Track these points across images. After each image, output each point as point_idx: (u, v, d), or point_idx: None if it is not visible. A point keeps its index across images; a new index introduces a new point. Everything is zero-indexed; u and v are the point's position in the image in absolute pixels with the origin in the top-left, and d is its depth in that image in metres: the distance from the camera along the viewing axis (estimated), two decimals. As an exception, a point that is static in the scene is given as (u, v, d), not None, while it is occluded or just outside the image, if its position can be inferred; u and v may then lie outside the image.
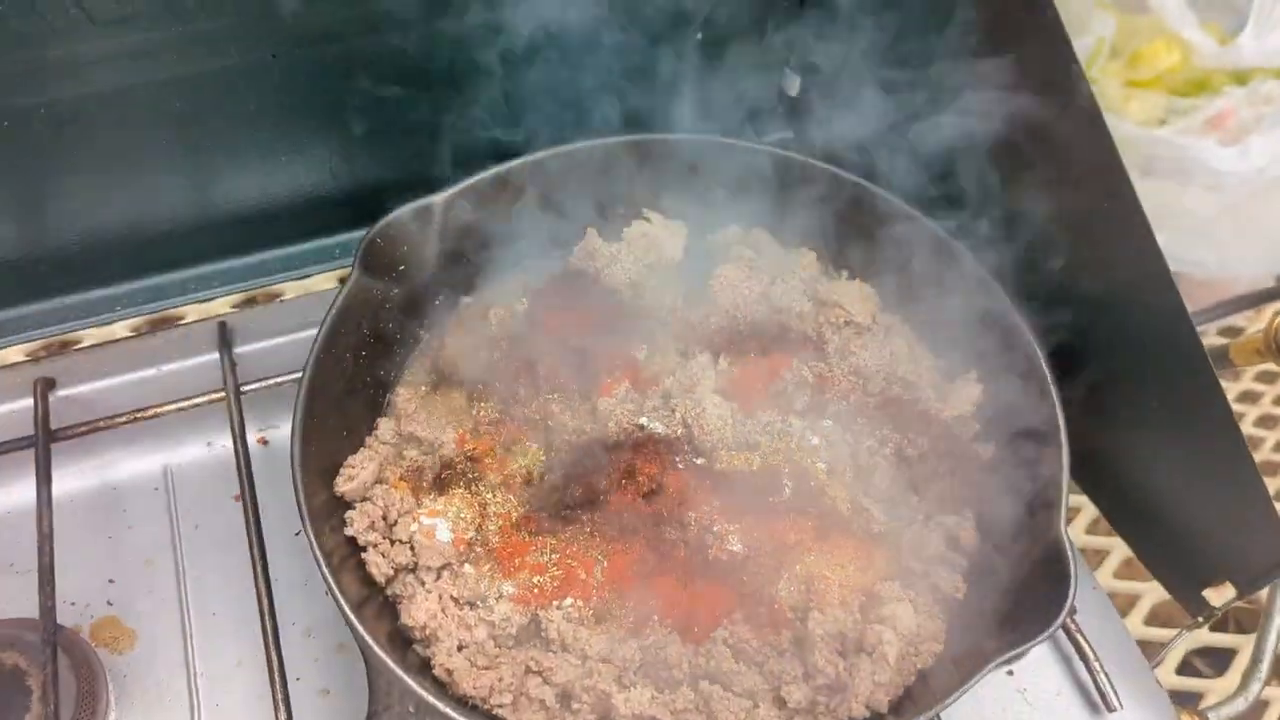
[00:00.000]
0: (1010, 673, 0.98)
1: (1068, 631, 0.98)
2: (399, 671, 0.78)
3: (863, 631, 0.88)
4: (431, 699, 0.77)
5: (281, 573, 1.00)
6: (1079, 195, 0.96)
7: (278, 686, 0.91)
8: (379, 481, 0.96)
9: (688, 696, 0.84)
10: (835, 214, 1.11)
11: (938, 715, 0.90)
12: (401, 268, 1.03)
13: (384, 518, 0.93)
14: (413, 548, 0.91)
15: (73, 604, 1.04)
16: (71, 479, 1.10)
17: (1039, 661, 0.98)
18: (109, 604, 1.05)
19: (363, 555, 0.91)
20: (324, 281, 1.22)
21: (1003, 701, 0.96)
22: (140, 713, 0.99)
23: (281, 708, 0.90)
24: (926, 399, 1.02)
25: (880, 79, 1.08)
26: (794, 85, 1.26)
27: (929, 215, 1.04)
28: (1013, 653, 0.80)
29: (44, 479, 1.01)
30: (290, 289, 1.20)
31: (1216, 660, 1.12)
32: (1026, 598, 0.87)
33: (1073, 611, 0.95)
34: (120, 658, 1.02)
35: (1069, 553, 0.84)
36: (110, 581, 1.07)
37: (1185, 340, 0.89)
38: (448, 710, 0.77)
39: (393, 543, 0.92)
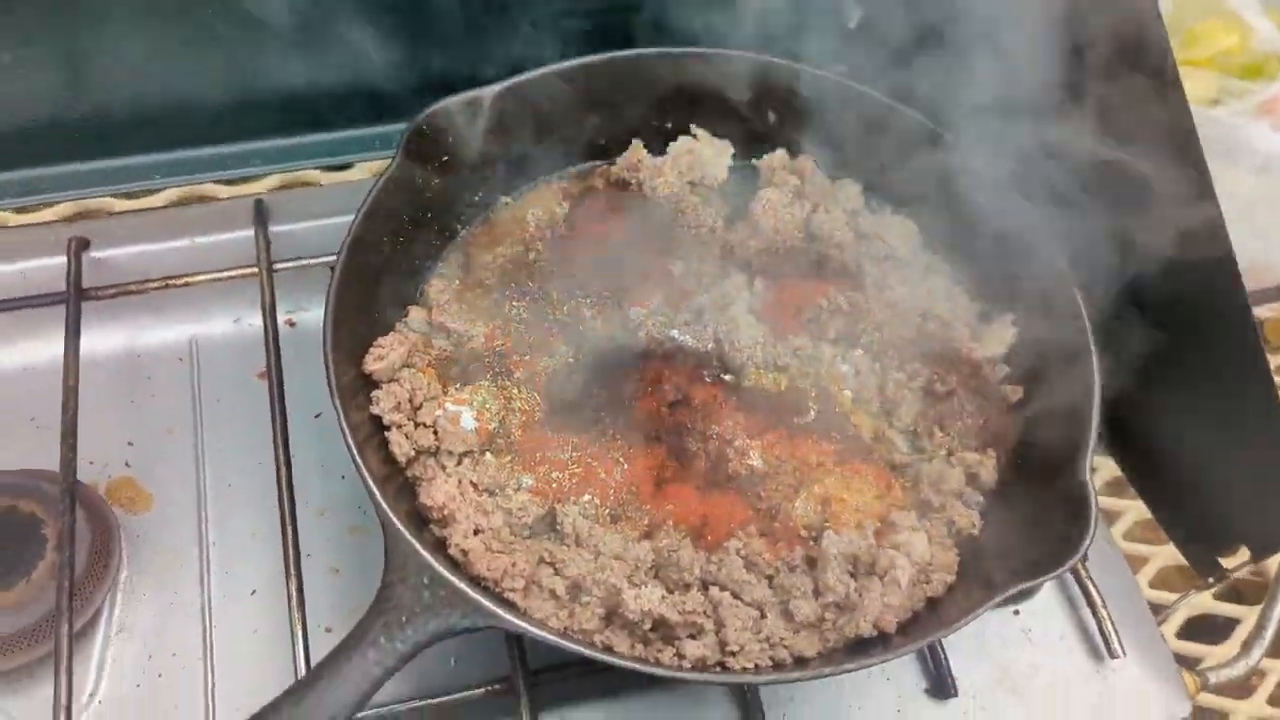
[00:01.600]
0: (1016, 612, 0.98)
1: (1078, 577, 0.98)
2: (415, 544, 0.78)
3: (875, 555, 0.88)
4: (445, 572, 0.77)
5: (298, 454, 1.00)
6: (1144, 152, 0.95)
7: (291, 559, 0.92)
8: (406, 365, 0.95)
9: (697, 599, 0.84)
10: (884, 147, 1.09)
11: (940, 642, 0.92)
12: (445, 158, 1.02)
13: (409, 400, 0.93)
14: (436, 432, 0.92)
15: (91, 463, 1.05)
16: (99, 341, 1.10)
17: (1046, 604, 0.99)
18: (127, 465, 1.06)
19: (386, 435, 0.91)
20: (362, 171, 1.22)
21: (1007, 639, 0.97)
22: (152, 573, 1.00)
23: (294, 578, 0.91)
24: (960, 338, 1.01)
25: (944, 16, 1.06)
26: (854, 17, 1.24)
27: (986, 161, 1.03)
28: (1025, 584, 0.80)
29: (73, 335, 1.02)
30: (328, 175, 1.19)
31: (1218, 630, 1.12)
32: (1043, 536, 0.86)
33: (1085, 558, 0.95)
34: (135, 518, 1.03)
35: (1091, 494, 0.84)
36: (130, 444, 1.07)
37: (1234, 305, 0.88)
38: (459, 584, 0.77)
39: (416, 425, 0.92)
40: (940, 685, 0.91)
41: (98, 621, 0.97)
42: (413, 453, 0.91)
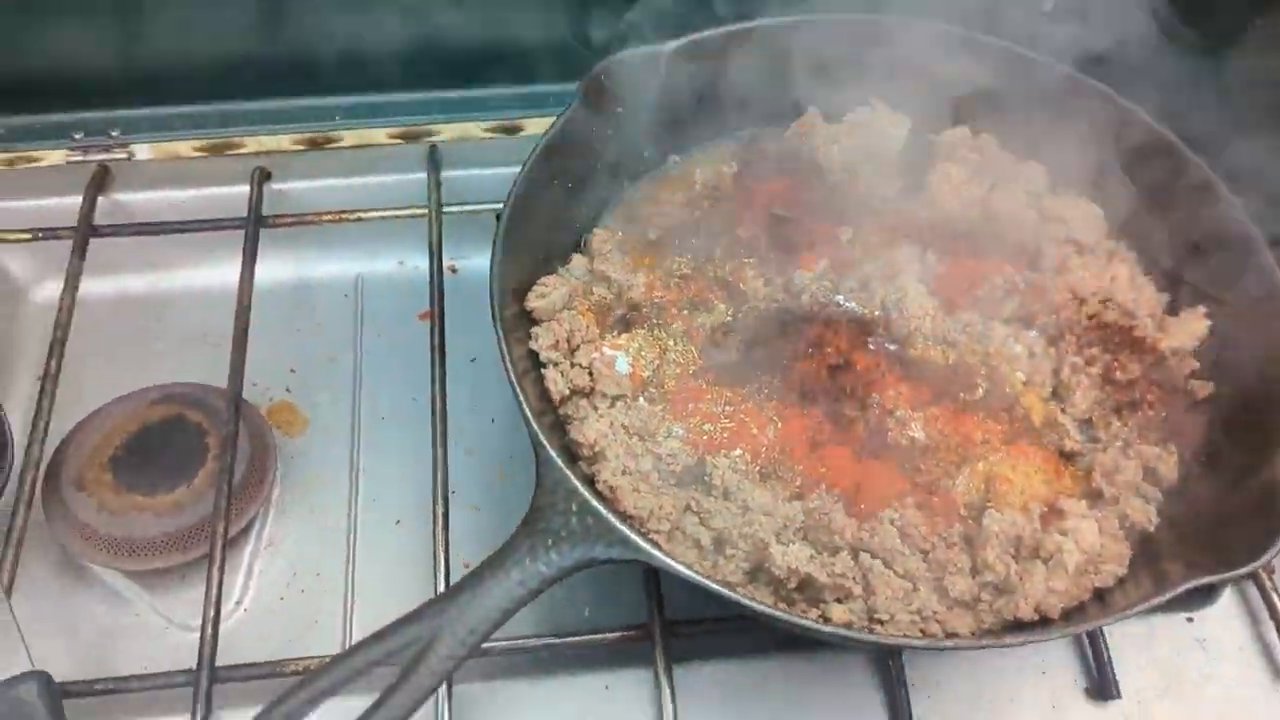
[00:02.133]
0: (1190, 619, 0.91)
1: (1262, 587, 0.91)
2: (567, 471, 0.77)
3: (1040, 539, 0.83)
4: (595, 502, 0.76)
5: (451, 395, 1.01)
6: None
7: (439, 489, 0.92)
8: (567, 308, 0.95)
9: (847, 563, 0.81)
10: (1074, 130, 1.04)
11: (1105, 641, 0.86)
12: (619, 110, 1.02)
13: (567, 340, 0.92)
14: (591, 373, 0.91)
15: (254, 384, 1.08)
16: (271, 270, 1.14)
17: (1224, 612, 0.91)
18: (287, 390, 1.09)
19: (542, 372, 0.91)
20: (535, 129, 1.23)
21: (1178, 645, 0.90)
22: (302, 492, 1.02)
23: (440, 503, 0.91)
24: (1144, 328, 0.95)
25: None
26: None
27: (1185, 145, 0.97)
28: (1205, 580, 0.74)
29: (249, 259, 1.05)
30: (499, 130, 1.21)
31: None
32: (1226, 538, 0.80)
33: (1271, 568, 0.88)
34: (291, 440, 1.06)
35: (1289, 495, 0.77)
36: (291, 371, 1.10)
37: None
38: (608, 514, 0.75)
39: (572, 365, 0.91)
40: (1101, 686, 0.85)
41: (248, 534, 0.99)
42: (567, 391, 0.90)
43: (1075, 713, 0.86)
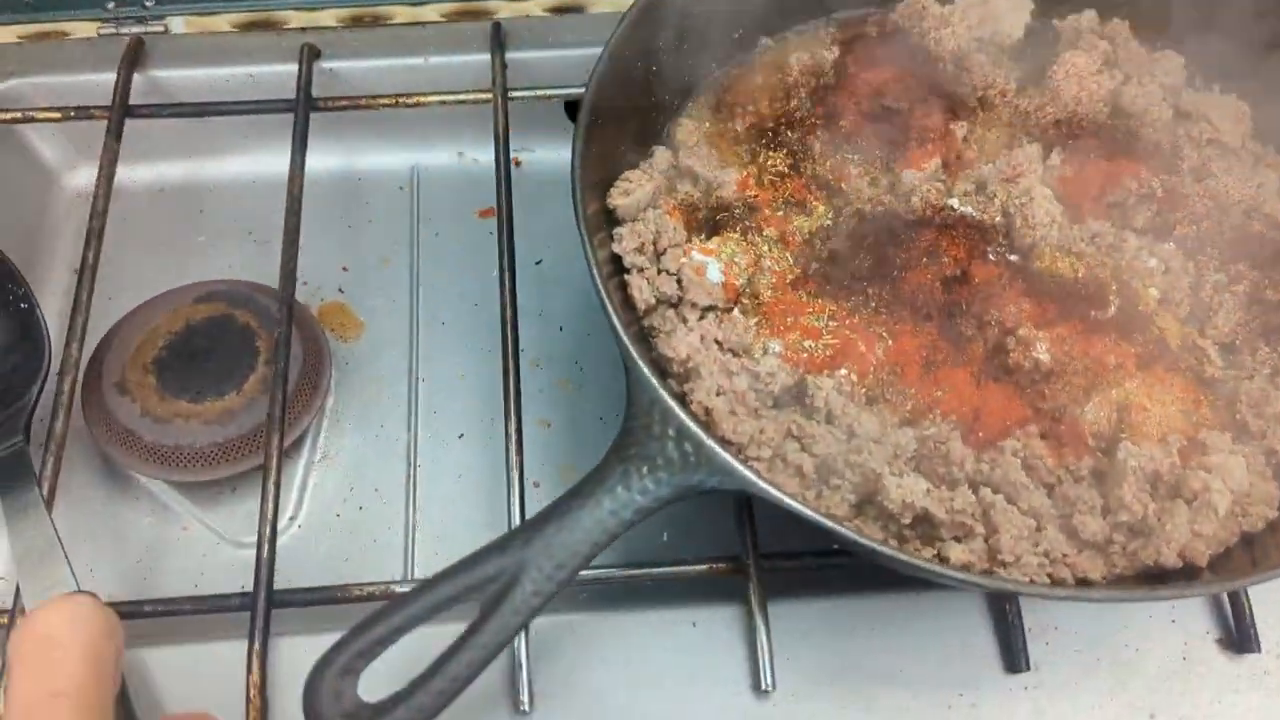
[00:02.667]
0: (1337, 567, 0.83)
1: None
2: (662, 391, 0.69)
3: (1183, 476, 0.74)
4: (694, 427, 0.68)
5: (523, 299, 0.92)
6: None
7: (512, 403, 0.84)
8: (652, 206, 0.86)
9: (967, 498, 0.73)
10: (1218, 16, 0.93)
11: (1245, 592, 0.78)
12: (709, -17, 0.91)
13: (654, 243, 0.83)
14: (680, 281, 0.82)
15: (305, 283, 1.00)
16: (321, 159, 1.05)
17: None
18: (340, 290, 1.01)
19: (625, 278, 0.82)
20: (598, 3, 1.11)
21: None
22: (358, 404, 0.95)
23: (513, 420, 0.83)
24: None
25: None
26: None
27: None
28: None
29: (299, 144, 0.96)
30: (554, 7, 1.10)
31: None
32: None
33: None
34: (345, 345, 0.98)
35: None
36: (344, 270, 1.02)
37: None
38: (709, 441, 0.67)
39: (660, 271, 0.82)
40: (1241, 637, 0.78)
41: (302, 445, 0.92)
42: (653, 300, 0.81)
43: (1208, 665, 0.78)
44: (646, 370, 0.70)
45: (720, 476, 0.67)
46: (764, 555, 0.79)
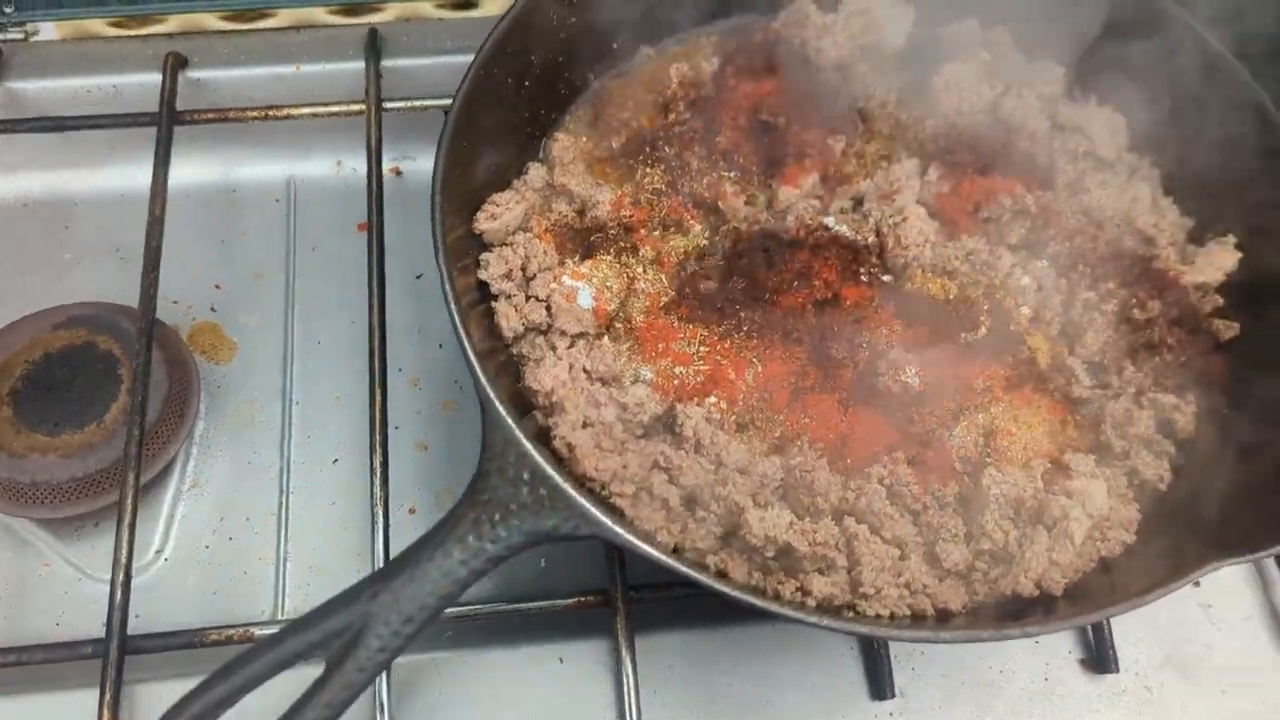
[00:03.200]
0: (1197, 584, 0.84)
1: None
2: (518, 432, 0.68)
3: (1045, 502, 0.75)
4: (549, 469, 0.67)
5: (395, 316, 0.90)
6: None
7: (378, 430, 0.83)
8: (522, 229, 0.84)
9: (830, 530, 0.73)
10: (1098, 27, 0.92)
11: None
12: (583, -6, 0.89)
13: (522, 269, 0.81)
14: (549, 307, 0.80)
15: (175, 302, 0.97)
16: (192, 171, 1.02)
17: (1233, 579, 0.85)
18: (212, 310, 0.98)
19: (493, 304, 0.80)
20: (489, 8, 1.08)
21: (1182, 614, 0.83)
22: (230, 427, 0.93)
23: (379, 451, 0.81)
24: (1166, 258, 0.86)
25: None
26: None
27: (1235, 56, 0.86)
28: (1222, 563, 0.67)
29: (162, 160, 0.93)
30: (451, 11, 1.07)
31: None
32: (1247, 506, 0.73)
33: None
34: (217, 368, 0.95)
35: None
36: (216, 287, 0.99)
37: None
38: (564, 484, 0.66)
39: (527, 297, 0.81)
40: (1099, 658, 0.79)
41: (170, 474, 0.90)
42: (521, 328, 0.80)
43: (1069, 686, 0.79)
44: (501, 410, 0.69)
45: (576, 522, 0.67)
46: (633, 587, 0.79)
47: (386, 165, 1.01)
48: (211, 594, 0.85)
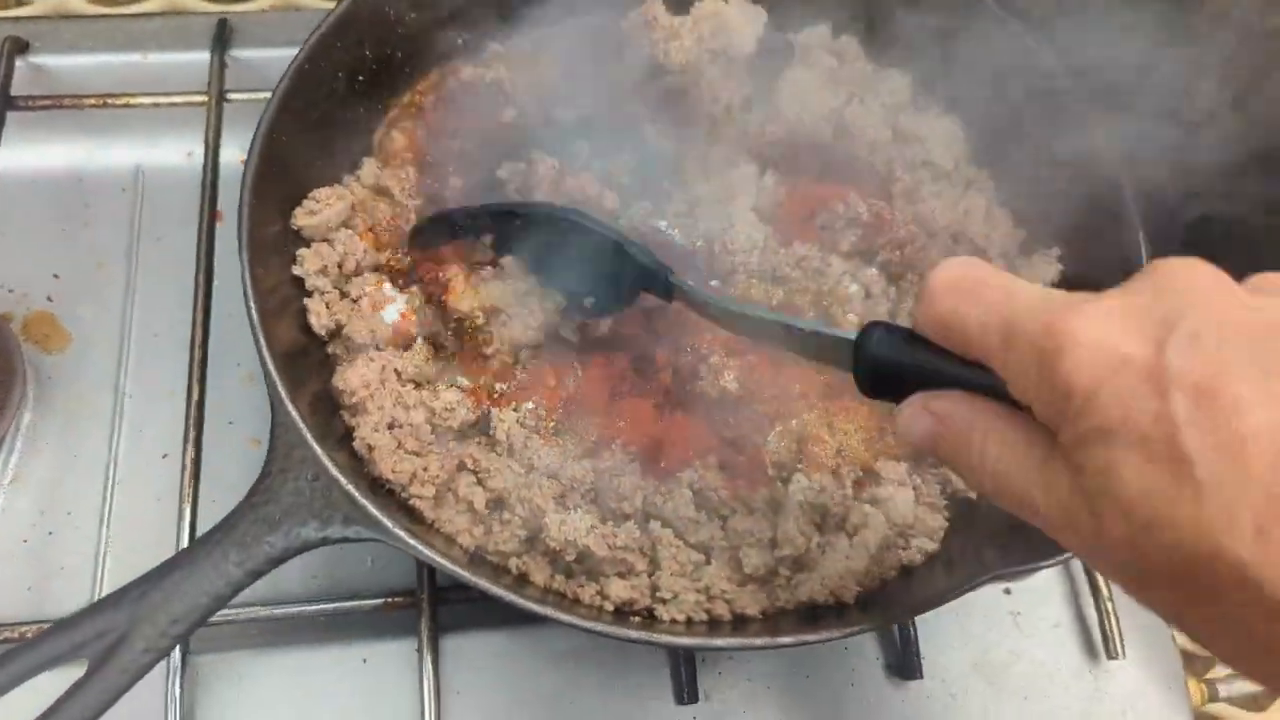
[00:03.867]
0: (1007, 591, 0.85)
1: (1091, 576, 0.85)
2: (305, 432, 0.67)
3: (849, 509, 0.75)
4: (333, 469, 0.66)
5: (237, 310, 0.88)
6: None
7: (192, 422, 0.82)
8: (345, 226, 0.83)
9: (632, 533, 0.73)
10: (944, 37, 0.93)
11: (912, 621, 0.80)
12: (422, -10, 0.88)
13: (339, 265, 0.81)
14: (356, 308, 0.80)
15: (10, 290, 0.95)
16: (33, 156, 0.99)
17: (1043, 586, 0.85)
18: (49, 300, 0.96)
19: (305, 301, 0.79)
20: (350, 1, 1.07)
21: (990, 620, 0.84)
22: (58, 418, 0.91)
23: (191, 448, 0.81)
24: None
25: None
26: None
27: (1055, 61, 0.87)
28: (1017, 568, 0.68)
29: (-8, 147, 0.91)
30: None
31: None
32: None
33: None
34: (49, 358, 0.94)
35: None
36: (55, 277, 0.97)
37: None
38: (347, 485, 0.66)
39: (342, 295, 0.80)
40: (904, 664, 0.79)
41: (-10, 466, 0.88)
42: (333, 325, 0.79)
43: (874, 692, 0.80)
44: (290, 408, 0.68)
45: (358, 525, 0.66)
46: (441, 589, 0.78)
47: (235, 155, 0.99)
48: (26, 589, 0.84)
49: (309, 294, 0.80)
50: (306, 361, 0.78)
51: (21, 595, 0.84)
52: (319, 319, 0.78)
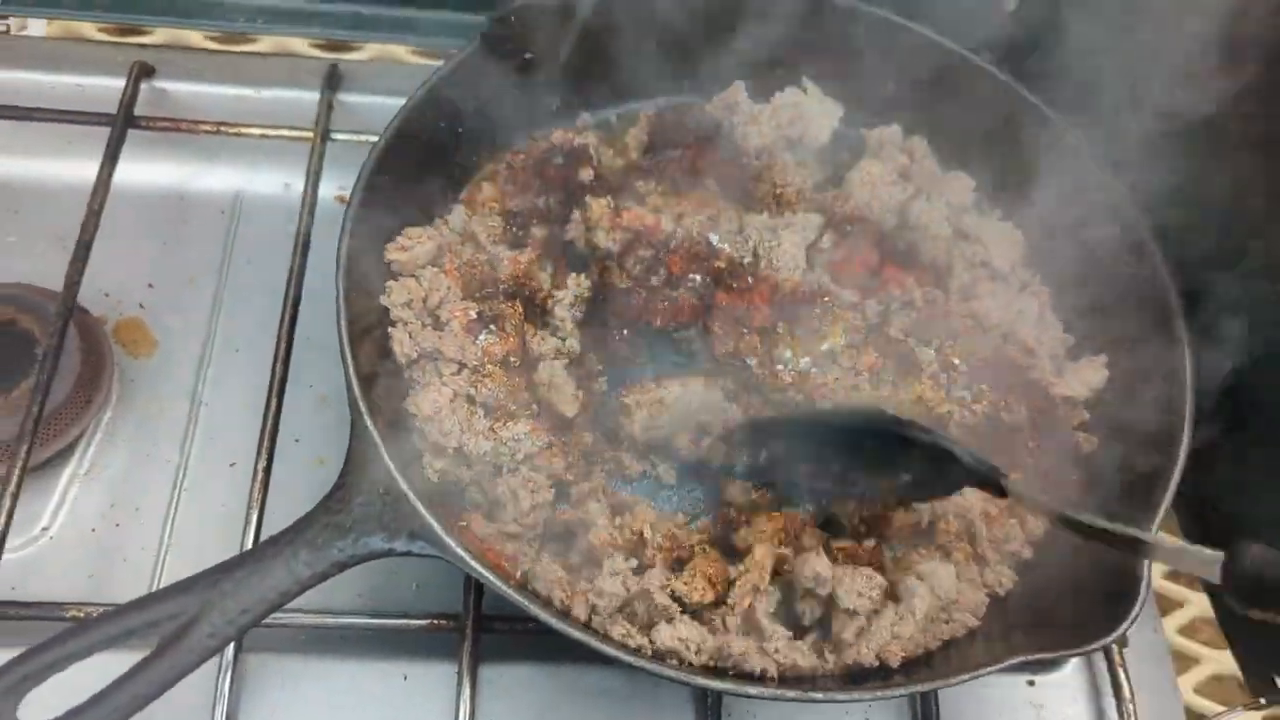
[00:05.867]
0: (1031, 683, 0.87)
1: (1110, 660, 0.86)
2: (380, 446, 0.71)
3: (896, 580, 0.78)
4: (403, 484, 0.70)
5: (314, 335, 0.94)
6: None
7: (267, 435, 0.86)
8: (433, 265, 0.88)
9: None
10: (1010, 146, 0.98)
11: (936, 697, 0.82)
12: (527, 55, 0.95)
13: (424, 300, 0.85)
14: (442, 333, 0.84)
15: (107, 295, 1.01)
16: (144, 174, 1.05)
17: (1068, 681, 0.87)
18: (141, 306, 1.02)
19: (389, 330, 0.84)
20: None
21: (1014, 709, 0.85)
22: (136, 419, 0.96)
23: (264, 456, 0.85)
24: (1041, 369, 0.90)
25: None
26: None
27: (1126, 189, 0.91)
28: (1049, 655, 0.71)
29: (110, 158, 0.98)
30: (415, 55, 1.13)
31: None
32: (1083, 605, 0.76)
33: (1124, 642, 0.85)
34: (135, 361, 0.99)
35: (1145, 573, 0.72)
36: (149, 285, 1.03)
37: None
38: (416, 501, 0.69)
39: (424, 325, 0.84)
40: (925, 736, 0.81)
41: (70, 456, 0.93)
42: (414, 354, 0.83)
43: (894, 762, 0.82)
44: (368, 421, 0.72)
45: (423, 542, 0.70)
46: (486, 616, 0.81)
47: (333, 192, 1.06)
48: (88, 576, 0.88)
49: (393, 323, 0.84)
50: (384, 386, 0.82)
51: (83, 580, 0.87)
52: (402, 347, 0.82)
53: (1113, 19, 0.91)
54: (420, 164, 0.90)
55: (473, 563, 0.69)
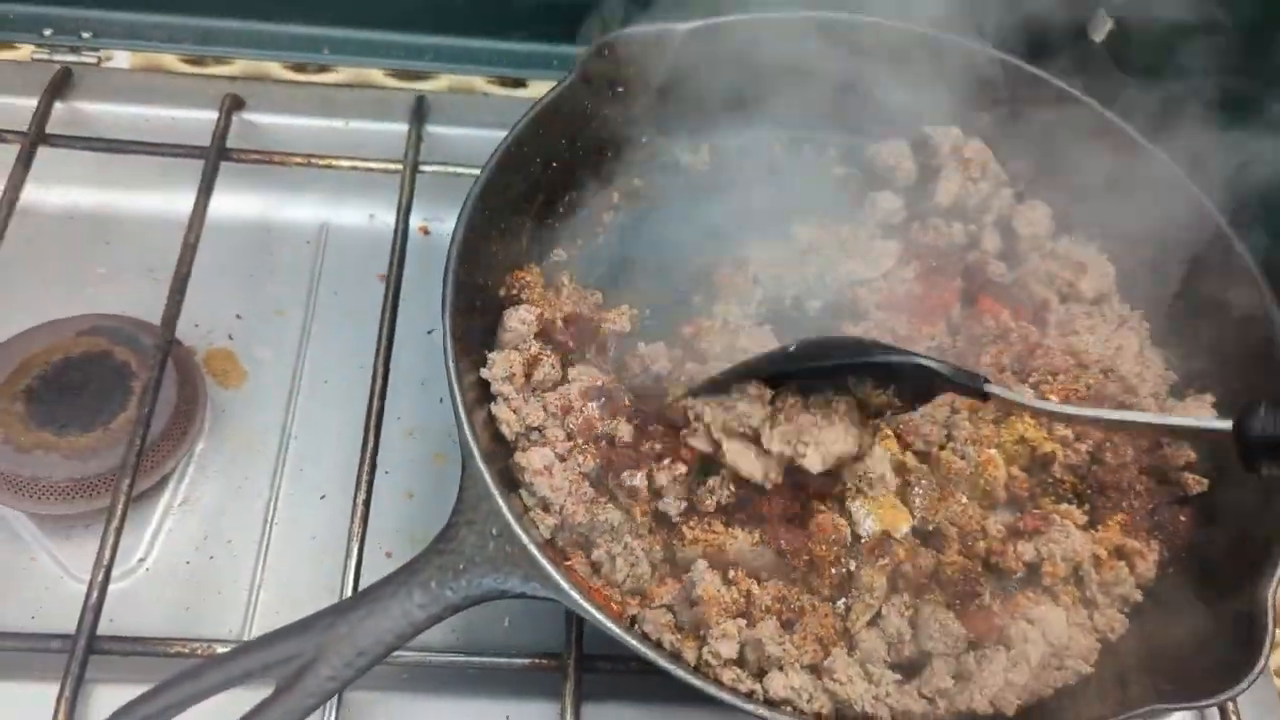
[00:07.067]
0: (1144, 733, 0.85)
1: (1223, 709, 0.84)
2: (493, 487, 0.71)
3: (1005, 625, 0.77)
4: (517, 527, 0.69)
5: (401, 367, 0.94)
6: None
7: (365, 470, 0.86)
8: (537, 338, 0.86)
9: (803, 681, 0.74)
10: (1097, 172, 0.96)
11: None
12: (620, 89, 0.94)
13: (525, 374, 0.83)
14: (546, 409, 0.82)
15: (196, 326, 1.01)
16: (231, 206, 1.06)
17: (1178, 728, 0.85)
18: (230, 337, 1.02)
19: (491, 407, 0.82)
20: (537, 90, 1.15)
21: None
22: (228, 450, 0.96)
23: (363, 489, 0.84)
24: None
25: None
26: (1102, 29, 1.10)
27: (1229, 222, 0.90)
28: (1168, 705, 0.68)
29: (205, 190, 0.98)
30: (500, 87, 1.13)
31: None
32: (1198, 654, 0.74)
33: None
34: (225, 392, 0.99)
35: (1269, 621, 0.70)
36: (238, 317, 1.03)
37: None
38: (529, 544, 0.69)
39: (527, 399, 0.83)
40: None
41: (164, 487, 0.93)
42: (523, 429, 0.81)
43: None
44: (481, 464, 0.72)
45: (535, 583, 0.69)
46: (588, 656, 0.80)
47: (416, 223, 1.06)
48: (184, 609, 0.88)
49: (494, 398, 0.82)
50: (487, 436, 0.81)
51: (178, 614, 0.87)
52: (509, 426, 0.80)
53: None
54: (517, 197, 0.89)
55: (587, 606, 0.68)
